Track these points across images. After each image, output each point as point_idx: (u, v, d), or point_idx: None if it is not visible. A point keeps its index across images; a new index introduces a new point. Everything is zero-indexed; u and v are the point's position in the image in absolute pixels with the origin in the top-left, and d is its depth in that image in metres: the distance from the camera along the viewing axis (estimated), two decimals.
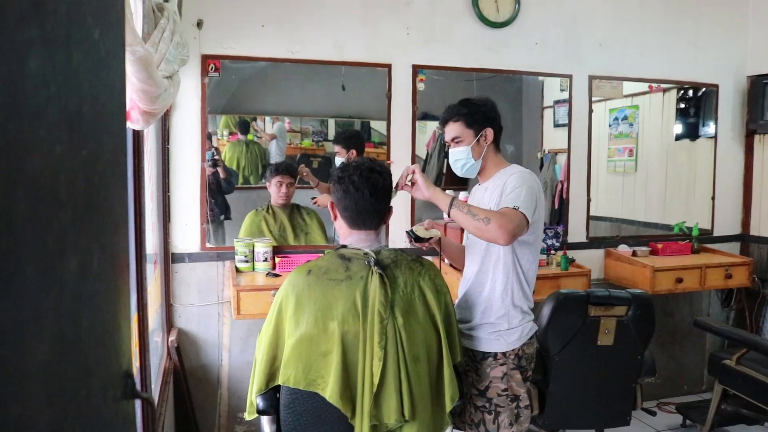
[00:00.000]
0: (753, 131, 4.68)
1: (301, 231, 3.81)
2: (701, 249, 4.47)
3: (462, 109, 2.52)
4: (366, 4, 3.71)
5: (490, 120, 2.53)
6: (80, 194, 0.59)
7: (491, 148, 2.53)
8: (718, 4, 4.59)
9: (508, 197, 2.34)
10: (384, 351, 2.02)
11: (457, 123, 2.52)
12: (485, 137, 2.51)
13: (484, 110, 2.53)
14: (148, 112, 1.79)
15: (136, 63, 1.47)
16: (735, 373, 3.48)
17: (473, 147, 2.51)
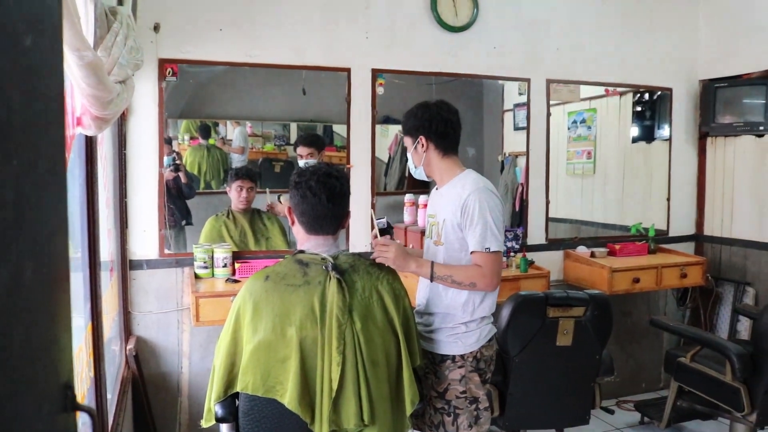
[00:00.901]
0: (705, 134, 4.79)
1: (262, 236, 3.79)
2: (657, 249, 4.56)
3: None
4: (325, 9, 3.70)
5: (422, 128, 2.52)
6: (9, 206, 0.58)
7: (434, 154, 2.54)
8: (670, 11, 4.69)
9: (476, 236, 2.38)
10: (342, 356, 2.02)
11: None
12: (422, 145, 2.53)
13: (414, 119, 2.54)
14: (100, 118, 1.77)
15: (85, 68, 1.44)
16: (689, 370, 3.55)
17: (413, 154, 2.56)
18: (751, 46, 4.41)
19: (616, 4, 4.49)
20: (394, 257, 2.28)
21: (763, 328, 3.19)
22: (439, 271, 2.39)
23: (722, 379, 3.33)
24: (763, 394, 3.21)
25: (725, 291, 4.67)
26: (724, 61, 4.64)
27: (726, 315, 4.63)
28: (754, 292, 4.46)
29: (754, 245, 4.46)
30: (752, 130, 4.45)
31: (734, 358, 3.23)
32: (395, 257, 2.28)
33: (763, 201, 4.40)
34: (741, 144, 4.56)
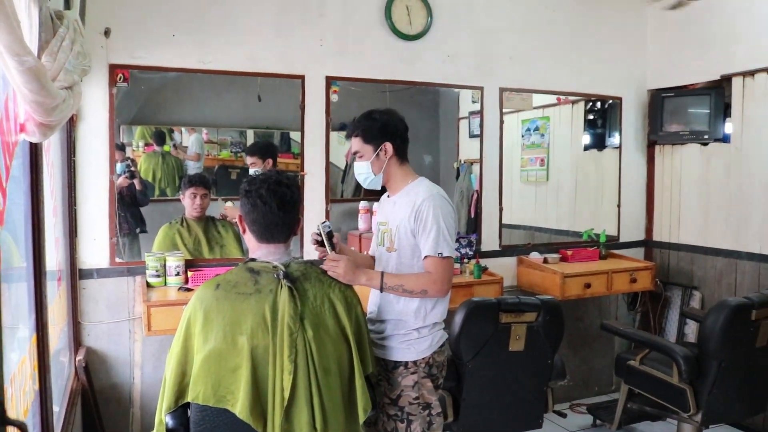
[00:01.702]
0: (654, 142, 4.92)
1: (217, 244, 3.76)
2: (608, 255, 4.65)
3: (362, 123, 2.53)
4: (279, 16, 3.70)
5: (389, 134, 2.53)
6: None
7: (394, 161, 2.55)
8: (620, 22, 4.82)
9: (429, 242, 2.40)
10: (294, 364, 2.02)
11: (357, 138, 2.53)
12: (384, 152, 2.52)
13: (381, 125, 2.53)
14: (44, 124, 1.73)
15: (26, 73, 1.41)
16: (639, 373, 3.63)
17: (373, 162, 2.53)
18: (696, 57, 4.55)
19: (567, 15, 4.59)
20: (344, 272, 2.27)
21: (707, 330, 3.28)
22: (390, 281, 2.41)
23: (669, 380, 3.41)
24: (708, 395, 3.30)
25: (673, 295, 4.78)
26: (671, 72, 4.77)
27: (674, 318, 4.75)
28: (701, 296, 4.58)
29: (700, 250, 4.59)
30: (697, 139, 4.58)
31: (680, 361, 3.31)
32: (345, 272, 2.28)
33: (708, 207, 4.53)
34: (687, 152, 4.69)
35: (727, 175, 4.39)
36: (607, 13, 4.75)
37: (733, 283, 4.37)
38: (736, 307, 3.23)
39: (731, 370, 3.29)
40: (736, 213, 4.33)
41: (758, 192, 4.17)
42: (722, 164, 4.42)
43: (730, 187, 4.36)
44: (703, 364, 3.32)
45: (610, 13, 4.76)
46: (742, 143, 4.28)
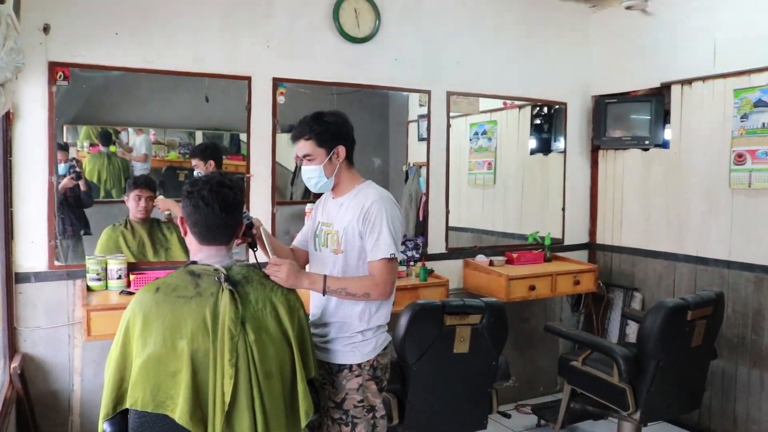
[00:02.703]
0: (597, 147, 5.03)
1: (162, 246, 3.70)
2: (553, 257, 4.74)
3: (313, 126, 2.50)
4: (225, 16, 3.66)
5: (342, 137, 2.53)
6: None
7: (344, 164, 2.55)
8: (566, 29, 4.91)
9: (377, 244, 2.41)
10: (235, 368, 2.00)
11: (309, 141, 2.50)
12: (337, 155, 2.52)
13: (335, 128, 2.52)
14: None
15: None
16: (581, 373, 3.70)
17: (325, 165, 2.51)
18: (638, 65, 4.67)
19: (514, 21, 4.66)
20: (286, 276, 2.26)
21: (646, 331, 3.37)
22: (333, 284, 2.40)
23: (610, 380, 3.49)
24: (646, 393, 3.39)
25: (615, 296, 4.90)
26: (614, 79, 4.89)
27: (616, 319, 4.86)
28: (642, 297, 4.70)
29: (641, 253, 4.71)
30: (639, 144, 4.70)
31: (620, 360, 3.39)
32: (287, 276, 2.26)
33: (648, 211, 4.66)
34: (629, 157, 4.81)
35: (666, 180, 4.52)
36: (554, 20, 4.84)
37: (671, 284, 4.49)
38: (673, 308, 3.32)
39: (668, 369, 3.38)
40: (675, 216, 4.46)
41: (695, 196, 4.30)
42: (662, 169, 4.55)
43: (669, 192, 4.49)
44: (642, 363, 3.40)
45: (557, 20, 4.85)
46: (681, 149, 4.41)
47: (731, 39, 4.06)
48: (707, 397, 4.10)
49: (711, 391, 4.16)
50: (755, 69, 3.92)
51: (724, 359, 4.12)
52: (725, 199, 4.12)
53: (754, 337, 4.00)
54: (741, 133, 4.02)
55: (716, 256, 4.19)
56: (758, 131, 3.92)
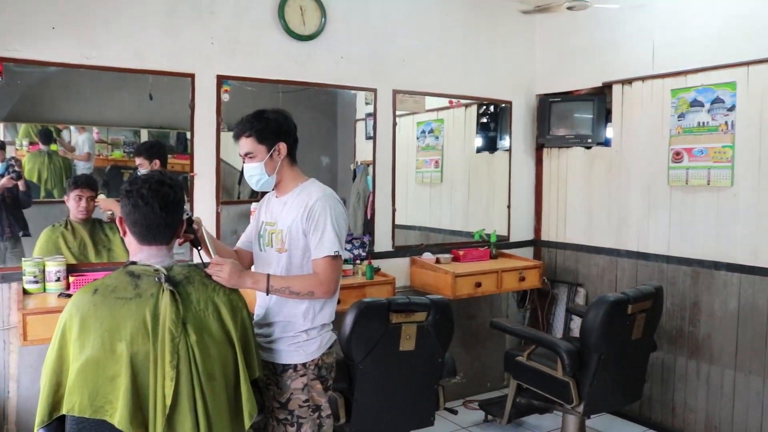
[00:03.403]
0: (542, 145, 5.11)
1: (104, 247, 3.61)
2: (499, 254, 4.80)
3: (254, 123, 2.48)
4: (168, 12, 3.59)
5: (283, 134, 2.51)
6: None
7: (286, 161, 2.53)
8: (511, 28, 4.98)
9: (321, 242, 2.41)
10: (176, 370, 1.97)
11: (249, 138, 2.48)
12: (278, 152, 2.50)
13: (276, 125, 2.50)
14: None
15: None
16: (526, 368, 3.76)
17: (266, 162, 2.49)
18: (581, 65, 4.76)
19: (460, 20, 4.70)
20: (229, 276, 2.23)
21: (588, 325, 3.44)
22: (276, 283, 2.38)
23: (554, 374, 3.55)
24: (589, 386, 3.46)
25: (560, 292, 4.99)
26: (558, 78, 4.98)
27: (561, 314, 4.95)
28: (585, 292, 4.80)
29: (584, 249, 4.81)
30: (582, 143, 4.79)
31: (564, 355, 3.46)
32: (230, 276, 2.23)
33: (591, 208, 4.76)
34: (573, 155, 4.90)
35: (608, 178, 4.62)
36: (499, 19, 4.89)
37: (614, 279, 4.60)
38: (614, 303, 3.40)
39: (610, 362, 3.46)
40: (617, 213, 4.56)
41: (635, 193, 4.41)
42: (604, 167, 4.65)
43: (611, 189, 4.59)
44: (584, 357, 3.47)
45: (502, 20, 4.91)
46: (622, 147, 4.51)
47: (669, 41, 4.18)
48: (648, 387, 4.21)
49: (651, 382, 4.27)
50: (691, 70, 4.04)
51: (664, 351, 4.24)
52: (664, 195, 4.24)
53: (691, 328, 4.12)
54: (678, 132, 4.13)
55: (656, 251, 4.31)
56: (694, 130, 4.04)
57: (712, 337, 4.01)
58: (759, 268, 3.76)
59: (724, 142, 3.90)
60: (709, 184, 3.98)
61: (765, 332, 3.75)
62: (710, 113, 3.96)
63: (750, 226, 3.79)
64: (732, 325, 3.90)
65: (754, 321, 3.80)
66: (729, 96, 3.87)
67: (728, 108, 3.87)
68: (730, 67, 3.85)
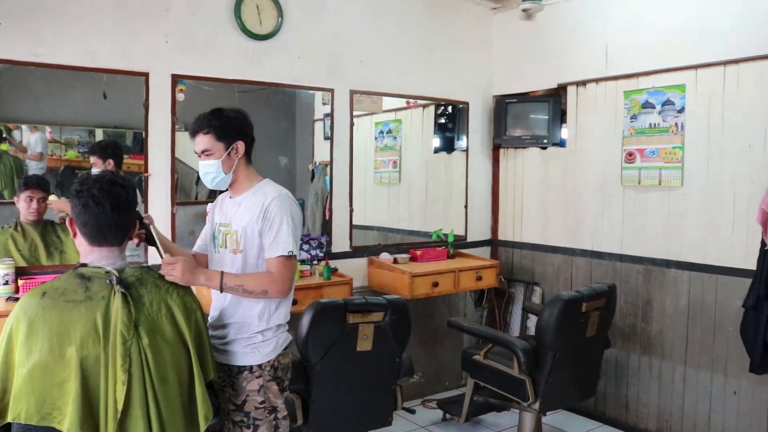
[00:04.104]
0: (498, 145, 5.16)
1: (56, 249, 3.53)
2: (456, 254, 4.83)
3: (212, 121, 2.46)
4: (120, 8, 3.51)
5: (242, 133, 2.51)
6: None
7: (242, 161, 2.52)
8: (468, 29, 5.01)
9: (276, 241, 2.40)
10: (128, 374, 1.93)
11: (207, 135, 2.46)
12: (236, 150, 2.49)
13: (236, 123, 2.50)
14: None
15: None
16: (483, 367, 3.79)
17: (224, 161, 2.48)
18: (537, 66, 4.82)
19: (417, 21, 4.72)
20: (182, 274, 2.21)
21: (543, 323, 3.48)
22: (230, 281, 2.36)
23: (510, 372, 3.59)
24: (545, 384, 3.51)
25: (517, 291, 5.04)
26: (514, 79, 5.03)
27: (518, 313, 5.00)
28: (541, 291, 4.86)
29: (540, 248, 4.87)
30: (538, 143, 4.86)
31: (520, 353, 3.49)
32: (183, 273, 2.21)
33: (547, 208, 4.82)
34: (529, 155, 4.96)
35: (563, 178, 4.69)
36: (456, 20, 4.92)
37: (569, 278, 4.67)
38: (568, 301, 3.45)
39: (565, 360, 3.51)
40: (572, 213, 4.63)
41: (589, 193, 4.49)
42: (559, 167, 4.72)
43: (566, 189, 4.66)
44: (540, 355, 3.52)
45: (459, 21, 4.94)
46: (577, 148, 4.59)
47: (621, 44, 4.26)
48: (602, 384, 4.29)
49: (605, 378, 4.35)
50: (642, 72, 4.13)
51: (617, 348, 4.32)
52: (617, 195, 4.32)
53: (643, 325, 4.21)
54: (631, 133, 4.22)
55: (610, 250, 4.39)
56: (646, 131, 4.13)
57: (664, 333, 4.10)
58: (707, 266, 3.86)
59: (674, 143, 3.99)
60: (660, 184, 4.07)
61: (713, 328, 3.85)
62: (661, 115, 4.05)
63: (699, 225, 3.89)
64: (682, 321, 4.00)
65: (703, 317, 3.90)
66: (679, 98, 3.96)
67: (678, 110, 3.97)
68: (680, 70, 3.95)
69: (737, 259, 3.72)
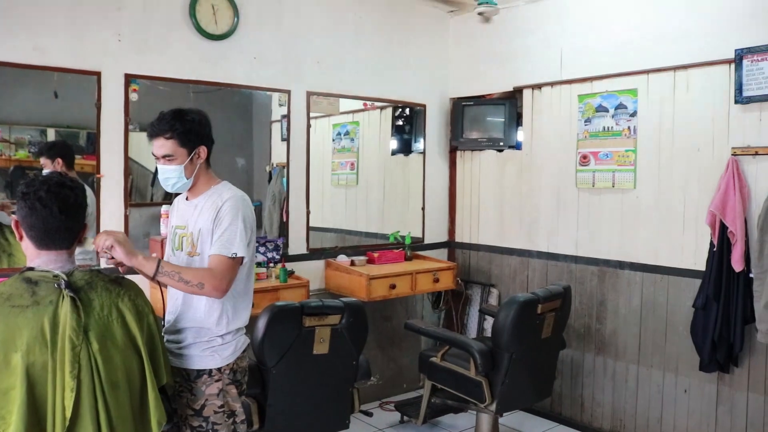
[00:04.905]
0: (455, 148, 5.19)
1: (3, 252, 3.43)
2: (414, 256, 4.84)
3: (175, 125, 2.39)
4: (71, 5, 3.43)
5: (204, 137, 2.46)
6: None
7: (203, 164, 2.48)
8: (425, 32, 5.03)
9: (221, 239, 2.35)
10: (77, 380, 1.88)
11: (170, 141, 2.39)
12: (198, 155, 2.44)
13: (198, 128, 2.44)
14: None
15: None
16: (440, 369, 3.80)
17: (186, 166, 2.42)
18: (494, 69, 4.87)
19: (375, 23, 4.71)
20: (124, 256, 2.17)
21: (499, 325, 3.51)
22: (167, 267, 2.27)
23: (467, 374, 3.61)
24: (501, 385, 3.53)
25: (474, 293, 5.08)
26: (471, 82, 5.07)
27: (475, 315, 5.03)
28: (498, 293, 4.90)
29: (496, 250, 4.91)
30: (494, 146, 4.90)
31: (476, 355, 3.51)
32: (125, 255, 2.17)
33: (503, 210, 4.86)
34: (485, 158, 5.00)
35: (519, 180, 4.74)
36: (413, 22, 4.94)
37: (525, 279, 4.71)
38: (524, 303, 3.48)
39: (521, 361, 3.54)
40: (527, 215, 4.68)
41: (545, 195, 4.55)
42: (515, 170, 4.77)
43: (522, 191, 4.71)
44: (496, 356, 3.54)
45: (416, 23, 4.96)
46: (532, 150, 4.64)
47: (576, 48, 4.33)
48: (558, 384, 4.35)
49: (561, 378, 4.41)
50: (596, 76, 4.20)
51: (573, 348, 4.38)
52: (572, 198, 4.38)
53: (598, 326, 4.28)
54: (585, 136, 4.28)
55: (565, 251, 4.45)
56: (600, 134, 4.20)
57: (617, 333, 4.17)
58: (659, 267, 3.94)
59: (627, 146, 4.07)
60: (613, 186, 4.14)
61: (665, 328, 3.93)
62: (614, 118, 4.13)
63: (651, 227, 3.97)
64: (635, 321, 4.07)
65: (654, 317, 3.97)
66: (631, 102, 4.04)
67: (630, 113, 4.04)
68: (632, 75, 4.03)
69: (688, 260, 3.80)
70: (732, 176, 3.51)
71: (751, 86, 3.47)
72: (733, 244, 3.47)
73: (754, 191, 3.52)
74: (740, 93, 3.50)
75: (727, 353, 3.56)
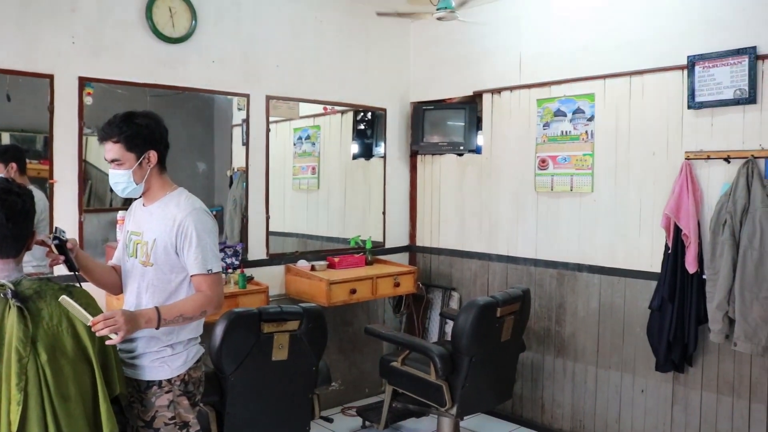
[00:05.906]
0: (416, 152, 5.21)
1: None
2: (374, 261, 4.83)
3: (123, 128, 2.34)
4: (22, 6, 3.35)
5: (155, 141, 2.40)
6: None
7: (155, 169, 2.42)
8: (385, 36, 5.04)
9: (198, 260, 2.34)
10: (24, 393, 1.83)
11: (117, 145, 2.34)
12: (148, 160, 2.39)
13: (148, 131, 2.38)
14: None
15: None
16: (401, 373, 3.80)
17: (135, 170, 2.37)
18: (454, 74, 4.89)
19: (334, 27, 4.70)
20: (125, 323, 2.05)
21: (458, 329, 3.51)
22: (167, 314, 2.23)
23: (427, 378, 3.61)
24: (461, 389, 3.54)
25: (435, 297, 5.09)
26: (431, 86, 5.09)
27: (436, 319, 5.04)
28: (459, 296, 4.92)
29: (457, 254, 4.93)
30: (454, 150, 4.92)
31: (436, 359, 3.52)
32: (125, 323, 2.05)
33: (463, 214, 4.89)
34: (445, 162, 5.02)
35: (479, 184, 4.76)
36: (373, 26, 4.93)
37: (486, 283, 4.74)
38: (483, 306, 3.49)
39: (481, 364, 3.55)
40: (487, 219, 4.71)
41: (505, 199, 4.58)
42: (475, 174, 4.80)
43: (482, 195, 4.74)
44: (456, 360, 3.54)
45: (376, 27, 4.95)
46: (492, 154, 4.67)
47: (534, 53, 4.38)
48: (518, 387, 4.38)
49: (521, 381, 4.45)
50: (554, 81, 4.25)
51: (533, 351, 4.42)
52: (531, 201, 4.42)
53: (557, 328, 4.32)
54: (544, 140, 4.33)
55: (524, 254, 4.48)
56: (558, 138, 4.25)
57: (576, 335, 4.22)
58: (616, 269, 4.00)
59: (584, 150, 4.12)
60: (572, 190, 4.19)
61: (622, 329, 3.99)
62: (572, 123, 4.18)
63: (608, 229, 4.03)
64: (594, 323, 4.12)
65: (612, 319, 4.03)
66: (588, 107, 4.10)
67: (588, 118, 4.10)
68: (589, 80, 4.08)
69: (644, 263, 3.86)
70: (685, 180, 3.58)
71: (703, 92, 3.54)
72: (687, 247, 3.54)
73: (706, 194, 3.59)
74: (693, 98, 3.58)
75: (681, 353, 3.62)
